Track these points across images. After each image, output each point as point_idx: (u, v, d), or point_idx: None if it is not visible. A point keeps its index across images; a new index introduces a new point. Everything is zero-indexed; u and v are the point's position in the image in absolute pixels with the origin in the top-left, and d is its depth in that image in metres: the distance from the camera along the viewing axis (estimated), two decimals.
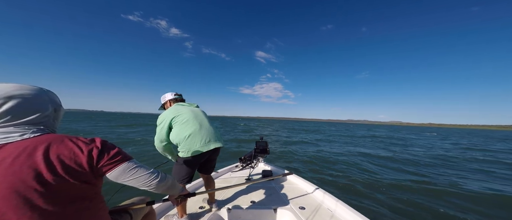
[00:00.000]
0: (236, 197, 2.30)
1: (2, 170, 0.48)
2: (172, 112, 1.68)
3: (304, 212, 1.96)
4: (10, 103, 0.56)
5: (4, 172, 0.48)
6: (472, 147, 15.18)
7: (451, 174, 6.22)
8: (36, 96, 0.63)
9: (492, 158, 9.80)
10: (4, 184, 0.47)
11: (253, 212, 2.00)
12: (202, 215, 1.89)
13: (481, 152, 12.19)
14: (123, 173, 0.68)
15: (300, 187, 2.71)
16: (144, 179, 0.74)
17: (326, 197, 2.22)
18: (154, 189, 0.81)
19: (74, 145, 0.59)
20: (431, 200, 3.95)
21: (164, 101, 1.94)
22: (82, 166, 0.57)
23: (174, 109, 1.73)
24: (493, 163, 8.41)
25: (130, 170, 0.70)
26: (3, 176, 0.47)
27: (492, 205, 3.79)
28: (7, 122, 0.56)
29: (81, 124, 25.11)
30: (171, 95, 1.93)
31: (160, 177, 0.82)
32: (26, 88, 0.61)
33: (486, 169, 7.12)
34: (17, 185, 0.47)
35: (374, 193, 4.17)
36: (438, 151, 11.90)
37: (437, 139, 22.76)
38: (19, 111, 0.58)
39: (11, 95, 0.57)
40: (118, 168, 0.66)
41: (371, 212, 3.31)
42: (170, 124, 1.65)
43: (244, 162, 3.39)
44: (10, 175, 0.47)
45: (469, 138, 29.09)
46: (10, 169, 0.48)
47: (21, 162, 0.50)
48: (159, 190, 0.85)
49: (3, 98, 0.55)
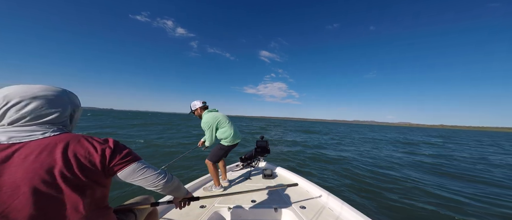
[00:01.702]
0: (237, 196, 2.30)
1: (26, 166, 0.51)
2: (213, 119, 2.44)
3: (305, 212, 1.95)
4: (35, 103, 0.60)
5: (27, 167, 0.51)
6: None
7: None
8: (58, 97, 0.67)
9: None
10: (27, 178, 0.50)
11: (254, 211, 2.00)
12: (204, 213, 1.90)
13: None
14: (133, 173, 0.71)
15: (300, 186, 2.69)
16: (152, 179, 0.77)
17: (327, 197, 2.20)
18: (161, 189, 0.83)
19: (90, 144, 0.63)
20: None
21: (194, 108, 2.56)
22: (95, 165, 0.61)
23: (213, 115, 2.47)
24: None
25: (139, 170, 0.73)
26: (26, 172, 0.51)
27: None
28: (31, 121, 0.60)
29: (106, 121, 25.33)
30: (200, 103, 2.57)
31: (167, 178, 0.84)
32: (49, 89, 0.65)
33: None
34: (38, 180, 0.51)
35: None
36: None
37: (492, 146, 17.98)
38: (42, 111, 0.62)
39: (36, 96, 0.61)
40: (128, 167, 0.70)
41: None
42: (217, 127, 2.45)
43: (245, 161, 3.40)
44: (31, 171, 0.51)
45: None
46: (33, 165, 0.52)
47: (43, 159, 0.53)
48: (165, 191, 0.87)
49: (28, 99, 0.59)
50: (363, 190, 4.42)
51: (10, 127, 0.57)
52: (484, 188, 5.03)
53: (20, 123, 0.59)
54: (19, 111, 0.58)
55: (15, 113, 0.58)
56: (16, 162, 0.51)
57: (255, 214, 1.99)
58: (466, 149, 14.84)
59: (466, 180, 5.83)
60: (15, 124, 0.58)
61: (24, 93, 0.59)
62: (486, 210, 3.66)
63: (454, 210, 3.60)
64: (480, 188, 5.07)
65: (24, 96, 0.59)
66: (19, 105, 0.58)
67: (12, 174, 0.49)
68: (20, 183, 0.49)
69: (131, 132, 15.13)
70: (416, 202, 3.82)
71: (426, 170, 6.92)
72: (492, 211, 3.63)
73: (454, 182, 5.54)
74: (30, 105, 0.59)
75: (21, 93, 0.59)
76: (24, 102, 0.59)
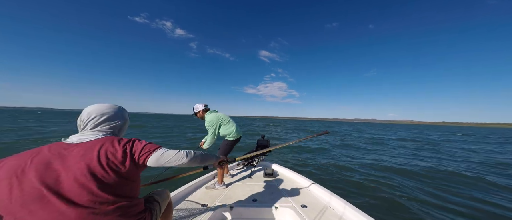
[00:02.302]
0: (238, 195, 2.31)
1: (77, 158, 0.71)
2: (217, 118, 2.69)
3: (305, 210, 1.95)
4: (103, 118, 0.90)
5: (77, 159, 0.70)
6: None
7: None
8: (117, 113, 0.97)
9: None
10: (74, 167, 0.68)
11: (255, 210, 2.01)
12: (205, 212, 1.91)
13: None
14: (158, 159, 0.88)
15: (301, 185, 2.70)
16: (176, 158, 0.93)
17: (328, 195, 2.20)
18: (187, 163, 0.98)
19: (117, 143, 0.81)
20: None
21: (197, 110, 2.79)
22: (119, 160, 0.77)
23: (216, 115, 2.73)
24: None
25: (161, 155, 0.88)
26: (75, 162, 0.69)
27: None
28: (93, 128, 0.87)
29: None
30: (202, 105, 2.79)
31: (188, 154, 0.99)
32: (112, 107, 0.96)
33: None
34: (79, 170, 0.68)
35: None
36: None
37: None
38: (105, 123, 0.91)
39: (103, 112, 0.91)
40: (152, 156, 0.86)
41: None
42: (220, 125, 2.72)
43: (246, 160, 3.40)
44: (78, 162, 0.69)
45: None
46: (80, 158, 0.71)
47: (87, 154, 0.72)
48: (194, 164, 1.04)
49: (100, 114, 0.90)
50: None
51: (82, 132, 0.86)
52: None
53: (87, 130, 0.87)
54: (92, 122, 0.88)
55: (90, 124, 0.87)
56: (73, 155, 0.72)
57: (256, 212, 2.00)
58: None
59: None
60: (85, 131, 0.87)
61: (98, 110, 0.90)
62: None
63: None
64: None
65: (98, 112, 0.90)
66: (94, 119, 0.88)
67: (67, 162, 0.69)
68: (69, 168, 0.68)
69: (132, 134, 15.15)
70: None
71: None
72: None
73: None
74: (100, 119, 0.89)
75: (96, 110, 0.90)
76: (97, 116, 0.89)
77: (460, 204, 3.69)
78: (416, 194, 4.11)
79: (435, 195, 4.13)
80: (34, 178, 0.61)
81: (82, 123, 0.88)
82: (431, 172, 5.99)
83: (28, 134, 11.84)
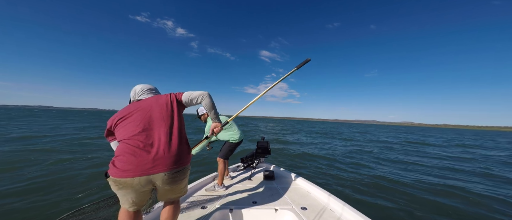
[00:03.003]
0: (238, 197, 2.32)
1: (152, 103, 1.36)
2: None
3: (306, 213, 1.96)
4: (150, 87, 1.57)
5: (152, 103, 1.36)
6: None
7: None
8: (154, 87, 1.61)
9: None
10: (149, 111, 1.31)
11: (255, 212, 2.02)
12: (204, 214, 1.92)
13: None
14: (187, 97, 1.44)
15: (301, 187, 2.71)
16: (197, 95, 1.46)
17: (328, 198, 2.20)
18: (208, 100, 1.48)
19: (164, 95, 1.46)
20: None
21: (202, 113, 2.90)
22: (167, 102, 1.39)
23: (221, 117, 2.73)
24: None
25: (187, 94, 1.46)
26: (151, 107, 1.33)
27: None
28: (148, 93, 1.52)
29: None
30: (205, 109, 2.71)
31: (208, 94, 1.50)
32: (149, 85, 1.59)
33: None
34: (150, 111, 1.32)
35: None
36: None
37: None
38: (151, 90, 1.56)
39: (149, 86, 1.57)
40: (182, 95, 1.45)
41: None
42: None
43: (246, 162, 3.41)
44: (148, 106, 1.34)
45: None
46: (150, 103, 1.36)
47: (152, 101, 1.38)
48: (207, 106, 1.50)
49: (148, 86, 1.56)
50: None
51: (141, 96, 1.50)
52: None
53: (145, 94, 1.51)
54: (146, 90, 1.53)
55: (146, 91, 1.52)
56: (145, 102, 1.38)
57: (256, 215, 2.01)
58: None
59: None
60: (142, 95, 1.50)
61: (145, 85, 1.55)
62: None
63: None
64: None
65: (145, 86, 1.55)
66: (146, 88, 1.54)
67: (142, 105, 1.35)
68: (145, 110, 1.32)
69: None
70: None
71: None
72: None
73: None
74: (149, 87, 1.55)
75: (145, 85, 1.55)
76: (146, 87, 1.54)
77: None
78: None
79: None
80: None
81: (140, 91, 1.50)
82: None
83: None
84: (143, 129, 1.22)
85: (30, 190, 3.65)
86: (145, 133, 1.22)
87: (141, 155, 1.14)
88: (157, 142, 1.21)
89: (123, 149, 1.16)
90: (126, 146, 1.17)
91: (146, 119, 1.27)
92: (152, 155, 1.16)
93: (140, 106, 1.33)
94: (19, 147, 7.34)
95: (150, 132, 1.23)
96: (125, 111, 1.31)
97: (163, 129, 1.26)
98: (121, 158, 1.15)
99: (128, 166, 1.11)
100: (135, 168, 1.12)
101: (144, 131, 1.22)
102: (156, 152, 1.17)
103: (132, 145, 1.16)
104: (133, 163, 1.12)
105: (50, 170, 4.88)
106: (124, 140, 1.20)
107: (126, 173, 1.11)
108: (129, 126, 1.24)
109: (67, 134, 12.01)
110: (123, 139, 1.20)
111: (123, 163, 1.12)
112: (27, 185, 3.86)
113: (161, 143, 1.21)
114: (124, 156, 1.14)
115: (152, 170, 1.15)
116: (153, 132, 1.24)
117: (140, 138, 1.19)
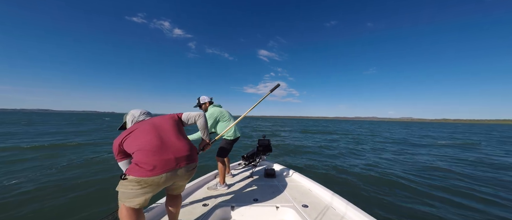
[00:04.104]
0: (239, 195, 2.33)
1: (155, 119, 1.54)
2: (219, 112, 2.71)
3: (307, 210, 1.95)
4: (146, 111, 1.65)
5: (156, 119, 1.54)
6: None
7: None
8: (147, 112, 1.67)
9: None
10: (156, 124, 1.45)
11: (256, 209, 2.02)
12: (206, 212, 1.92)
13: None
14: (186, 117, 1.61)
15: (302, 184, 2.70)
16: (196, 114, 1.64)
17: (330, 195, 2.20)
18: (203, 121, 1.69)
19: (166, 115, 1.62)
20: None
21: (203, 101, 2.84)
22: (172, 116, 1.59)
23: (219, 109, 2.75)
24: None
25: (186, 114, 1.62)
26: (156, 121, 1.49)
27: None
28: (145, 116, 1.62)
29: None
30: (208, 98, 2.86)
31: (204, 114, 1.73)
32: (145, 111, 1.67)
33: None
34: (157, 125, 1.45)
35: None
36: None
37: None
38: (147, 114, 1.64)
39: (144, 111, 1.66)
40: (182, 115, 1.61)
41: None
42: (218, 120, 2.72)
43: (247, 160, 3.41)
44: (156, 121, 1.49)
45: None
46: (158, 119, 1.53)
47: (165, 117, 1.57)
48: (200, 125, 1.71)
49: (144, 110, 1.65)
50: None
51: (141, 117, 1.58)
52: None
53: (143, 115, 1.60)
54: (144, 114, 1.62)
55: (143, 114, 1.61)
56: (147, 120, 1.51)
57: (257, 212, 2.01)
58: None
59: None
60: (140, 117, 1.58)
61: (143, 110, 1.65)
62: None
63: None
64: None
65: (142, 110, 1.65)
66: (143, 112, 1.63)
67: (146, 122, 1.48)
68: (151, 124, 1.45)
69: None
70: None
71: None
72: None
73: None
74: (145, 112, 1.64)
75: (140, 109, 1.64)
76: (143, 111, 1.63)
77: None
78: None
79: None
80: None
81: (140, 114, 1.59)
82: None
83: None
84: (155, 136, 1.33)
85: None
86: (159, 138, 1.33)
87: (163, 154, 1.26)
88: (172, 143, 1.35)
89: (142, 154, 1.24)
90: (144, 151, 1.25)
91: (155, 128, 1.39)
92: (172, 154, 1.29)
93: (144, 123, 1.45)
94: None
95: (163, 136, 1.36)
96: (129, 130, 1.40)
97: (173, 133, 1.42)
98: (144, 159, 1.22)
99: (154, 165, 1.21)
100: (162, 166, 1.23)
101: (157, 137, 1.33)
102: (175, 150, 1.32)
103: (150, 149, 1.25)
104: (159, 162, 1.23)
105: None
106: (140, 148, 1.27)
107: (153, 172, 1.19)
108: (140, 137, 1.33)
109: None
110: (139, 148, 1.27)
111: (148, 164, 1.20)
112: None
113: (176, 143, 1.36)
114: (148, 157, 1.22)
115: (177, 166, 1.29)
116: (165, 135, 1.37)
117: (155, 142, 1.29)
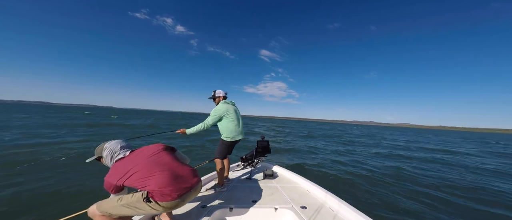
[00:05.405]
0: (238, 196, 2.33)
1: (142, 149, 1.55)
2: (225, 110, 2.57)
3: (305, 211, 1.96)
4: (127, 145, 1.60)
5: (143, 149, 1.55)
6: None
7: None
8: (125, 143, 1.62)
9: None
10: (146, 155, 1.47)
11: (255, 211, 2.02)
12: (204, 213, 1.92)
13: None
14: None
15: (301, 186, 2.71)
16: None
17: (328, 196, 2.21)
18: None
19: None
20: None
21: (218, 95, 2.74)
22: (157, 144, 1.64)
23: (226, 107, 2.60)
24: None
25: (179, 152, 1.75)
26: (145, 151, 1.51)
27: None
28: (129, 148, 1.58)
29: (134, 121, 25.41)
30: (222, 92, 2.76)
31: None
32: (122, 142, 1.61)
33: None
34: (154, 152, 1.51)
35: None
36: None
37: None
38: (127, 147, 1.59)
39: (123, 141, 1.61)
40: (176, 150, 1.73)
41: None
42: (222, 117, 2.59)
43: (246, 161, 3.41)
44: (144, 151, 1.51)
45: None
46: (145, 148, 1.55)
47: (150, 146, 1.58)
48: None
49: (126, 144, 1.60)
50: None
51: (121, 152, 1.52)
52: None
53: (125, 149, 1.54)
54: (125, 147, 1.57)
55: (124, 149, 1.54)
56: (134, 153, 1.51)
57: (256, 214, 2.01)
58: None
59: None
60: (123, 150, 1.53)
61: (120, 143, 1.55)
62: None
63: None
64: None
65: (121, 145, 1.55)
66: (124, 144, 1.57)
67: (135, 155, 1.48)
68: (143, 156, 1.46)
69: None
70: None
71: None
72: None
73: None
74: (124, 146, 1.56)
75: (119, 144, 1.55)
76: (123, 143, 1.57)
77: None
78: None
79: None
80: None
81: (119, 149, 1.51)
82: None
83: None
84: (157, 165, 1.38)
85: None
86: (161, 166, 1.39)
87: (177, 178, 1.36)
88: (175, 167, 1.43)
89: (160, 181, 1.30)
90: (159, 179, 1.30)
91: (151, 159, 1.42)
92: (184, 176, 1.41)
93: (137, 158, 1.43)
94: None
95: (164, 162, 1.42)
96: (124, 170, 1.35)
97: (170, 157, 1.49)
98: (164, 187, 1.29)
99: (175, 190, 1.31)
100: (181, 190, 1.35)
101: (160, 165, 1.39)
102: (183, 173, 1.43)
103: (165, 177, 1.32)
104: (178, 187, 1.34)
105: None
106: (156, 183, 1.29)
107: (171, 196, 1.30)
108: (149, 176, 1.32)
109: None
110: (155, 187, 1.28)
111: (170, 191, 1.30)
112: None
113: (180, 166, 1.46)
114: (166, 186, 1.29)
115: (192, 187, 1.42)
116: (165, 162, 1.43)
117: (167, 177, 1.33)
